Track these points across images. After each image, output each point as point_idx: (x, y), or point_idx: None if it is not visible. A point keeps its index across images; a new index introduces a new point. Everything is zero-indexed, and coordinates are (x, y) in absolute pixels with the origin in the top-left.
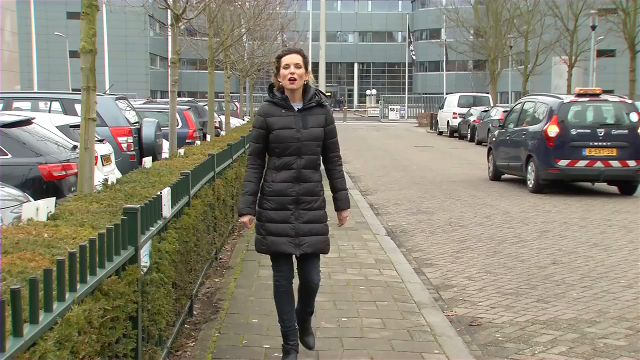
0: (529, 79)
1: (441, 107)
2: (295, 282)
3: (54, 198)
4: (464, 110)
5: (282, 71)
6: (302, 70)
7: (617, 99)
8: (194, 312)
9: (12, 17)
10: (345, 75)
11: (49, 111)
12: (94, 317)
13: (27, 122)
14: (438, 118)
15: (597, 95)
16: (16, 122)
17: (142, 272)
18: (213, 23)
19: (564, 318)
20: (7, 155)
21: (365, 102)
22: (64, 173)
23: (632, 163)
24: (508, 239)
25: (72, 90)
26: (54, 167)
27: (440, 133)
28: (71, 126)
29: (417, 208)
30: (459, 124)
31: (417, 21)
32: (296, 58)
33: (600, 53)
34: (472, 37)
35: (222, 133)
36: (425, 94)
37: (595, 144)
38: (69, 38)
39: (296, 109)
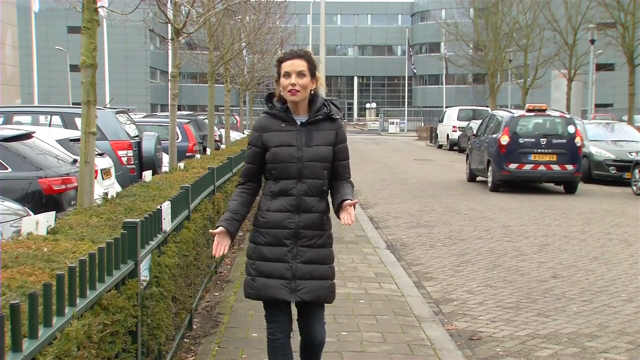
0: (529, 93)
1: (441, 121)
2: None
3: (54, 212)
4: (464, 124)
5: (282, 80)
6: (307, 79)
7: (558, 114)
8: (194, 326)
9: (12, 32)
10: (345, 88)
11: (49, 125)
12: (93, 331)
13: (28, 136)
14: (438, 131)
15: (543, 110)
16: (16, 136)
17: (141, 286)
18: (213, 37)
19: (565, 332)
20: (7, 169)
21: (364, 116)
22: (63, 187)
23: (569, 167)
24: (508, 253)
25: (73, 104)
26: (54, 181)
27: (440, 146)
28: (71, 140)
29: (417, 221)
30: (458, 137)
31: (416, 35)
32: (298, 64)
33: (600, 67)
34: (471, 50)
35: (222, 146)
36: (425, 107)
37: (539, 150)
38: (70, 52)
39: (299, 123)
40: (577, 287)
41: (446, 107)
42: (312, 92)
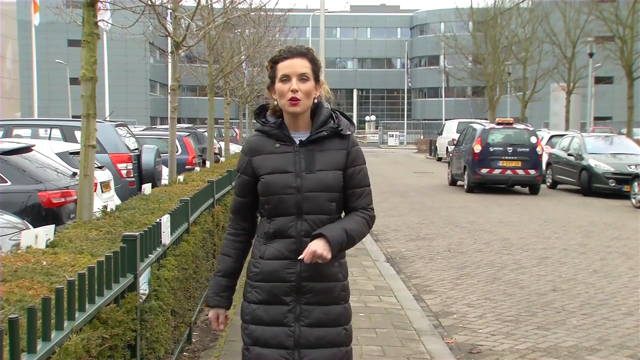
0: (528, 105)
1: (440, 133)
2: None
3: (53, 225)
4: None
5: (279, 85)
6: (310, 84)
7: (523, 127)
8: (193, 340)
9: (13, 45)
10: (344, 101)
11: (49, 138)
12: (92, 345)
13: (27, 149)
14: (437, 144)
15: (510, 123)
16: (16, 149)
17: (141, 300)
18: (213, 50)
19: (565, 346)
20: (6, 182)
21: (364, 128)
22: (63, 200)
23: (532, 171)
24: (508, 266)
25: (72, 117)
26: (54, 194)
27: (440, 159)
28: (71, 153)
29: (417, 234)
30: None
31: (415, 48)
32: (300, 65)
33: (598, 80)
34: (470, 63)
35: (222, 159)
36: (424, 120)
37: (506, 157)
38: (70, 65)
39: (297, 142)
40: (577, 300)
41: (445, 120)
42: (316, 100)
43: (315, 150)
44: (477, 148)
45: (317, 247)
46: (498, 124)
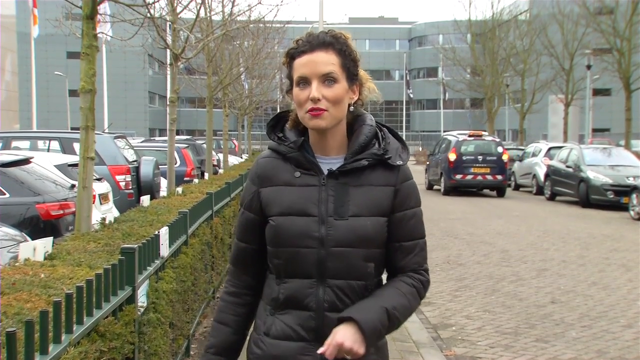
0: (526, 117)
1: None
2: None
3: (52, 237)
4: None
5: (296, 91)
6: (340, 87)
7: (491, 139)
8: (191, 352)
9: (12, 57)
10: None
11: (48, 150)
12: (90, 359)
13: (26, 161)
14: None
15: (480, 136)
16: (14, 161)
17: (139, 313)
18: (212, 62)
19: (564, 358)
20: (5, 194)
21: None
22: (61, 212)
23: (499, 177)
24: (506, 278)
25: (71, 129)
26: (52, 206)
27: None
28: (69, 165)
29: None
30: None
31: (414, 60)
32: (323, 61)
33: (596, 92)
34: (469, 75)
35: (220, 171)
36: (423, 131)
37: (477, 165)
38: (69, 77)
39: (326, 171)
40: (576, 312)
41: (444, 132)
42: (352, 108)
43: (350, 185)
44: (452, 157)
45: (345, 337)
46: (470, 135)
